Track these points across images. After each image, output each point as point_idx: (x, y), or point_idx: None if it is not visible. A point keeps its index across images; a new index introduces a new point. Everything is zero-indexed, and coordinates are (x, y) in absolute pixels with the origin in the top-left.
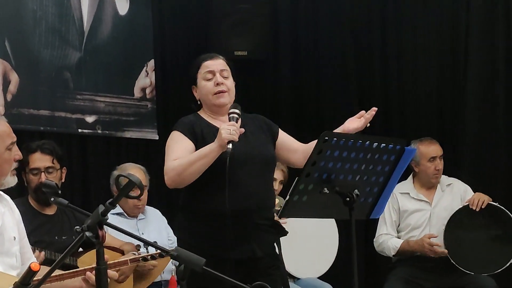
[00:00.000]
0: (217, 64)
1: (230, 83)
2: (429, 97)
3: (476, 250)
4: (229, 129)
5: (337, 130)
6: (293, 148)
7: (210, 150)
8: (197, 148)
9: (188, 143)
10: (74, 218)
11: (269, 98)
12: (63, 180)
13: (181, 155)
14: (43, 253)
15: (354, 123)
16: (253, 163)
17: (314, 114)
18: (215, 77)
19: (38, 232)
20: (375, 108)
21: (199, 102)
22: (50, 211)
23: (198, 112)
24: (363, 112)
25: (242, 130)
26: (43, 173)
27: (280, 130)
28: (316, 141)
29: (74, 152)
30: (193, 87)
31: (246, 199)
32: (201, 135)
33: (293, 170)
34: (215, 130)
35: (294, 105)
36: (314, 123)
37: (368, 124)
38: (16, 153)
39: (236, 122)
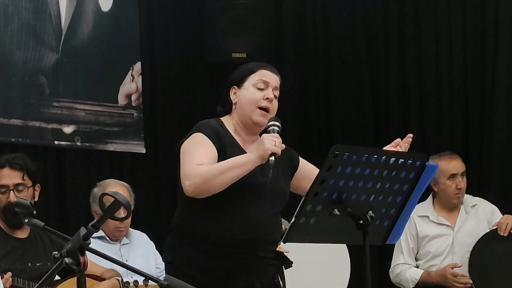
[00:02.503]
0: (274, 79)
1: (276, 106)
2: (452, 104)
3: (505, 282)
4: (274, 140)
5: None
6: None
7: (248, 161)
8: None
9: (213, 151)
10: (50, 242)
11: None
12: (36, 199)
13: (206, 162)
14: (9, 274)
15: None
16: (265, 194)
17: (323, 126)
18: (267, 91)
19: (8, 258)
20: (410, 135)
21: (234, 106)
22: (22, 234)
23: (222, 119)
24: (398, 140)
25: (284, 146)
26: (11, 191)
27: (300, 159)
28: None
29: (50, 167)
30: (234, 87)
31: (252, 229)
32: (224, 149)
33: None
34: (239, 150)
35: (300, 116)
36: (323, 137)
37: None
38: None
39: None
